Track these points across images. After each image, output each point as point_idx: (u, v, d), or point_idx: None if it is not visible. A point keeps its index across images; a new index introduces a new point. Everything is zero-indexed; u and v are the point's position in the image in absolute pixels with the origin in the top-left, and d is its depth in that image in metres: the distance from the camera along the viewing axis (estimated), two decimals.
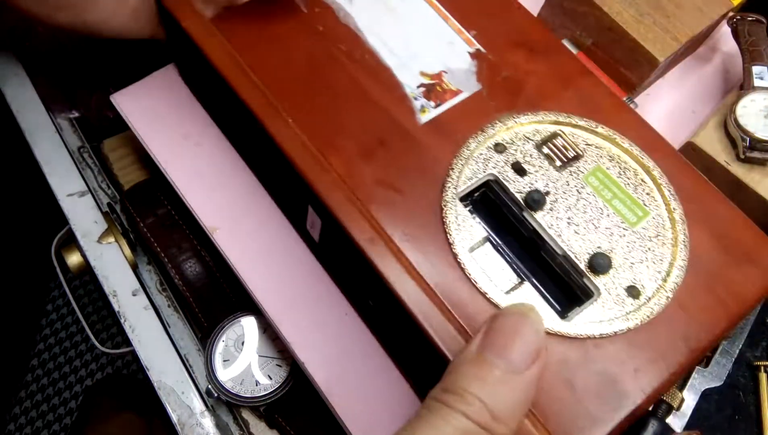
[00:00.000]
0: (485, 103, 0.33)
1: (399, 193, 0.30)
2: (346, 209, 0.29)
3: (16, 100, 0.46)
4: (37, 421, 0.99)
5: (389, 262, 0.28)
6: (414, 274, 0.28)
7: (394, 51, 0.35)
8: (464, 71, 0.35)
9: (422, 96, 0.33)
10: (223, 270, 0.43)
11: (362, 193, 0.30)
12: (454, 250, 0.29)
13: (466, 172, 0.31)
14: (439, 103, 0.33)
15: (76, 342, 1.06)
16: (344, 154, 0.31)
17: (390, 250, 0.28)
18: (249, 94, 0.32)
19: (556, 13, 0.47)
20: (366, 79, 0.34)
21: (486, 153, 0.32)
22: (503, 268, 0.30)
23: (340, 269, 0.35)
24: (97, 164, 0.49)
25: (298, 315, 0.35)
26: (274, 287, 0.36)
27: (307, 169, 0.30)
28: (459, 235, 0.29)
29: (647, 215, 0.30)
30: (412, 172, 0.31)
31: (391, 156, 0.31)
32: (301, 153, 0.31)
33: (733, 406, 0.40)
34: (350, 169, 0.31)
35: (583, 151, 0.32)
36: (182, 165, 0.39)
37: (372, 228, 0.29)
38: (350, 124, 0.32)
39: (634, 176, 0.31)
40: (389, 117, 0.33)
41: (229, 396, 0.39)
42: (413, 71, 0.34)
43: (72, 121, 0.50)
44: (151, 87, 0.41)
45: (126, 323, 0.39)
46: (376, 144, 0.32)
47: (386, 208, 0.30)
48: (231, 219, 0.38)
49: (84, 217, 0.42)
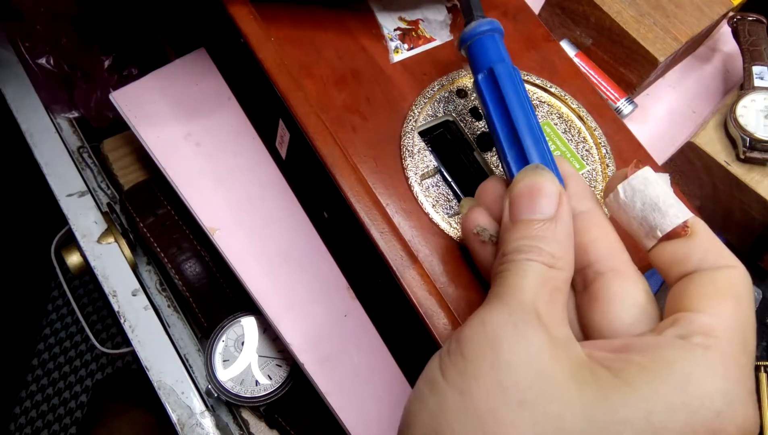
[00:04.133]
0: (454, 52, 0.36)
1: (364, 119, 0.33)
2: (312, 122, 0.31)
3: (16, 100, 0.46)
4: (36, 421, 0.99)
5: (347, 175, 0.30)
6: (367, 189, 0.30)
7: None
8: (439, 22, 0.37)
9: (398, 38, 0.36)
10: (223, 270, 0.43)
11: (330, 114, 0.32)
12: (407, 175, 0.31)
13: (428, 109, 0.34)
14: (412, 46, 0.36)
15: (76, 342, 1.06)
16: (319, 79, 0.33)
17: (349, 164, 0.30)
18: (238, 13, 0.34)
19: (556, 13, 0.47)
20: (349, 17, 0.36)
21: (448, 96, 0.34)
22: (449, 197, 0.32)
23: (303, 183, 0.37)
24: (96, 164, 0.49)
25: (298, 315, 0.35)
26: (273, 288, 0.36)
27: (282, 84, 0.32)
28: (413, 163, 0.32)
29: (583, 168, 0.33)
30: (378, 103, 0.33)
31: (361, 87, 0.34)
32: (279, 70, 0.32)
33: None
34: (322, 92, 0.33)
35: (536, 106, 0.35)
36: (182, 165, 0.39)
37: (334, 142, 0.31)
38: (328, 55, 0.34)
39: (578, 134, 0.34)
40: (365, 53, 0.35)
41: (229, 396, 0.39)
42: (393, 16, 0.37)
43: (72, 121, 0.50)
44: (151, 86, 0.41)
45: (126, 323, 0.39)
46: (349, 75, 0.34)
47: (350, 130, 0.32)
48: (231, 219, 0.38)
49: (84, 217, 0.42)
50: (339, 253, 0.37)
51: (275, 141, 0.37)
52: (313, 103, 0.32)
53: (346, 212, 0.30)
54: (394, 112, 0.33)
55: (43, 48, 0.48)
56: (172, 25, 0.51)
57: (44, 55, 0.48)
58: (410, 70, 0.35)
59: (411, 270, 0.28)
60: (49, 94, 0.48)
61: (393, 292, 0.29)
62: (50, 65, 0.48)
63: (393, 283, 0.29)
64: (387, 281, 0.29)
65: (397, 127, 0.33)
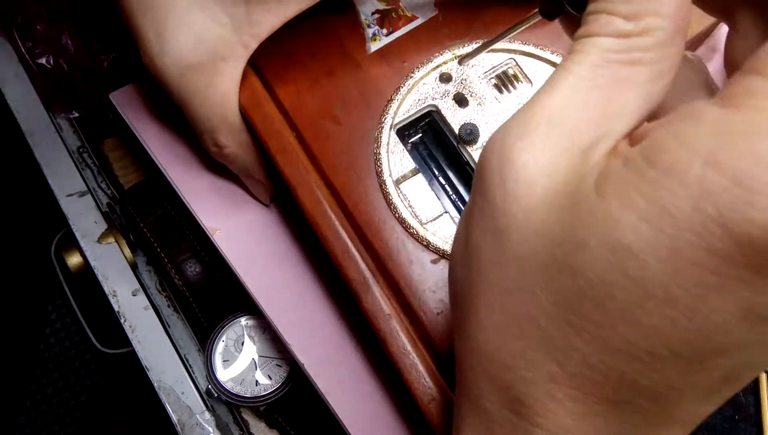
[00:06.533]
0: (438, 30, 0.33)
1: (338, 123, 0.31)
2: (277, 148, 0.30)
3: (16, 100, 0.46)
4: (36, 420, 0.99)
5: (313, 203, 0.29)
6: (334, 208, 0.29)
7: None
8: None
9: (375, 23, 0.34)
10: (223, 270, 0.43)
11: (302, 123, 0.31)
12: (382, 179, 0.30)
13: (407, 102, 0.31)
14: (391, 30, 0.33)
15: (76, 342, 1.06)
16: (292, 86, 0.32)
17: (309, 187, 0.29)
18: None
19: None
20: (325, 6, 0.33)
21: (431, 83, 0.32)
22: (429, 201, 0.30)
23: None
24: (96, 164, 0.49)
25: (298, 315, 0.35)
26: (273, 288, 0.36)
27: (254, 117, 0.31)
28: (387, 166, 0.30)
29: None
30: (353, 103, 0.32)
31: (336, 88, 0.32)
32: (248, 97, 0.32)
33: (733, 406, 0.40)
34: (296, 101, 0.31)
35: (533, 80, 0.32)
36: (182, 165, 0.39)
37: (300, 165, 0.30)
38: (301, 55, 0.32)
39: None
40: (341, 46, 0.33)
41: (229, 396, 0.39)
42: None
43: (72, 121, 0.50)
44: (151, 86, 0.41)
45: (126, 323, 0.39)
46: (323, 76, 0.32)
47: (324, 138, 0.31)
48: (231, 219, 0.37)
49: (84, 217, 0.42)
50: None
51: None
52: (286, 115, 0.31)
53: (317, 235, 0.29)
54: (369, 111, 0.31)
55: (43, 48, 0.48)
56: None
57: (44, 55, 0.48)
58: (388, 59, 0.32)
59: (368, 295, 0.28)
60: (49, 94, 0.48)
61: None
62: (50, 65, 0.48)
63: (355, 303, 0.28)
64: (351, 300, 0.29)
65: (372, 127, 0.31)
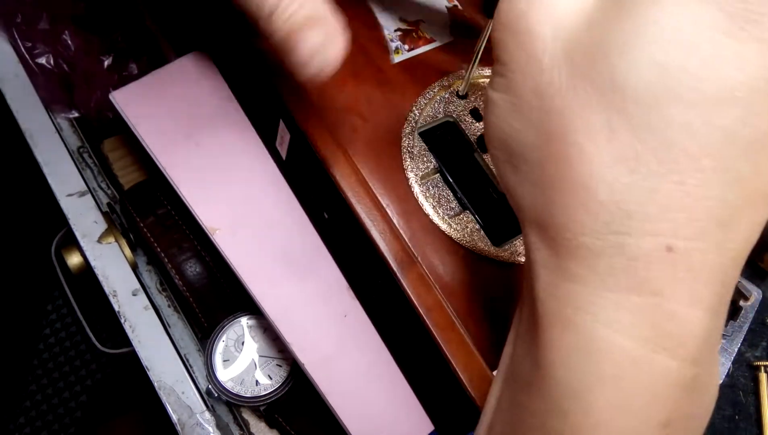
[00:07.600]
0: (454, 53, 0.36)
1: (364, 120, 0.33)
2: (312, 123, 0.31)
3: (16, 100, 0.46)
4: (36, 420, 0.99)
5: (347, 176, 0.30)
6: (367, 190, 0.30)
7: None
8: (440, 23, 0.37)
9: (398, 39, 0.36)
10: (223, 270, 0.43)
11: (330, 114, 0.32)
12: (407, 175, 0.32)
13: (428, 111, 0.34)
14: (412, 47, 0.36)
15: (76, 342, 1.06)
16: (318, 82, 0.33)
17: (349, 165, 0.30)
18: None
19: None
20: (349, 18, 0.35)
21: (448, 97, 0.34)
22: (449, 198, 0.32)
23: (303, 183, 0.37)
24: (97, 164, 0.49)
25: (298, 315, 0.35)
26: (273, 288, 0.36)
27: (282, 84, 0.32)
28: (414, 163, 0.32)
29: None
30: (378, 104, 0.33)
31: (361, 88, 0.34)
32: (280, 73, 0.32)
33: (733, 406, 0.40)
34: (322, 93, 0.33)
35: None
36: (182, 165, 0.39)
37: (334, 143, 0.31)
38: None
39: None
40: (365, 54, 0.35)
41: (229, 396, 0.39)
42: (394, 17, 0.37)
43: (72, 121, 0.50)
44: (151, 86, 0.41)
45: (126, 323, 0.39)
46: (349, 76, 0.34)
47: (351, 131, 0.32)
48: (231, 219, 0.37)
49: (84, 217, 0.42)
50: (339, 254, 0.37)
51: (275, 141, 0.37)
52: (314, 104, 0.32)
53: (347, 213, 0.30)
54: (394, 113, 0.33)
55: (43, 48, 0.48)
56: (173, 25, 0.51)
57: (44, 55, 0.48)
58: (410, 71, 0.35)
59: (410, 271, 0.28)
60: (49, 94, 0.48)
61: (393, 293, 0.29)
62: (50, 65, 0.48)
63: (393, 284, 0.29)
64: (387, 282, 0.29)
65: (397, 128, 0.33)
